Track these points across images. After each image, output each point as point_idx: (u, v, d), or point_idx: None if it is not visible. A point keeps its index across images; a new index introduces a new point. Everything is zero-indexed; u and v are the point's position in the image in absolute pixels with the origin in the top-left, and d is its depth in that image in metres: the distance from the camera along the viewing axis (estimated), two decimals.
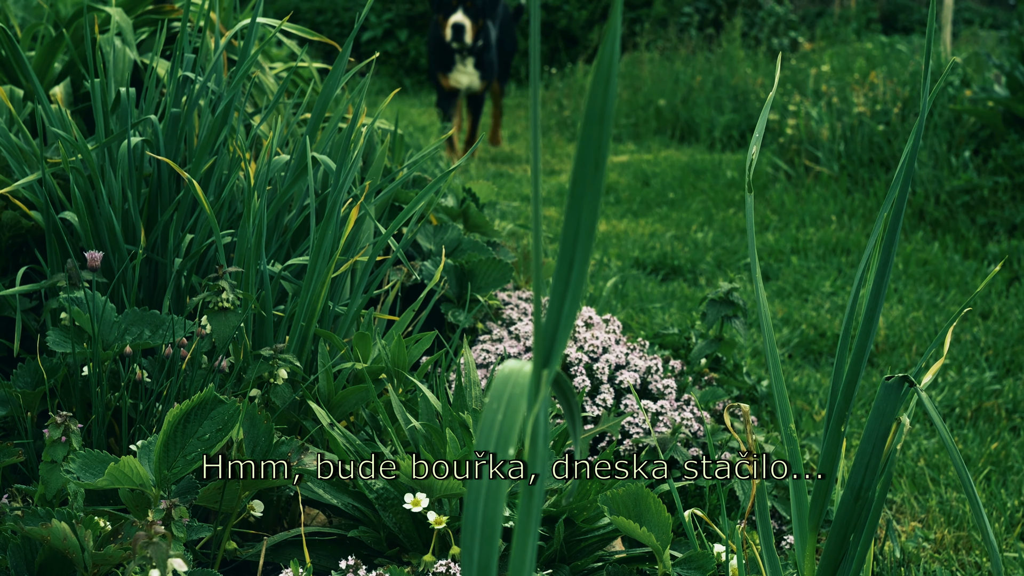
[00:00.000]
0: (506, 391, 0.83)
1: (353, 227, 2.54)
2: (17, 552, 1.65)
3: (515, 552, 0.87)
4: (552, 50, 12.61)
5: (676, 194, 6.59)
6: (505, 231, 4.65)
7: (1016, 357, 3.75)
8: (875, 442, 1.52)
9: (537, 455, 0.87)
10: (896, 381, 1.50)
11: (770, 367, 1.62)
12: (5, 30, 2.68)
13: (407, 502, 1.86)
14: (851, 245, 5.23)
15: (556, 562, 1.97)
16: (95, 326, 2.03)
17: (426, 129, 8.74)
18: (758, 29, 12.46)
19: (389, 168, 3.41)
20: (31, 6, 5.66)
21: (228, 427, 1.77)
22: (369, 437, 2.24)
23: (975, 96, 6.20)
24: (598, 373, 2.73)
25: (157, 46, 2.71)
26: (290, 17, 3.17)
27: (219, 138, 2.52)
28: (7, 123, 2.67)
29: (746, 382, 3.15)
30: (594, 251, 5.06)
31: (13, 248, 2.59)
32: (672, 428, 2.55)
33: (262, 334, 2.35)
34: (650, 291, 4.44)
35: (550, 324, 0.84)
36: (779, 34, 12.52)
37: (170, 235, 2.45)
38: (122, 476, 1.68)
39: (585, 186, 0.81)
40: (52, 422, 1.79)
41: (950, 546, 2.47)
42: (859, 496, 1.54)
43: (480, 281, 3.11)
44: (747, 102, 8.90)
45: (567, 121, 9.35)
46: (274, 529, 2.05)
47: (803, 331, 3.95)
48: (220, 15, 3.18)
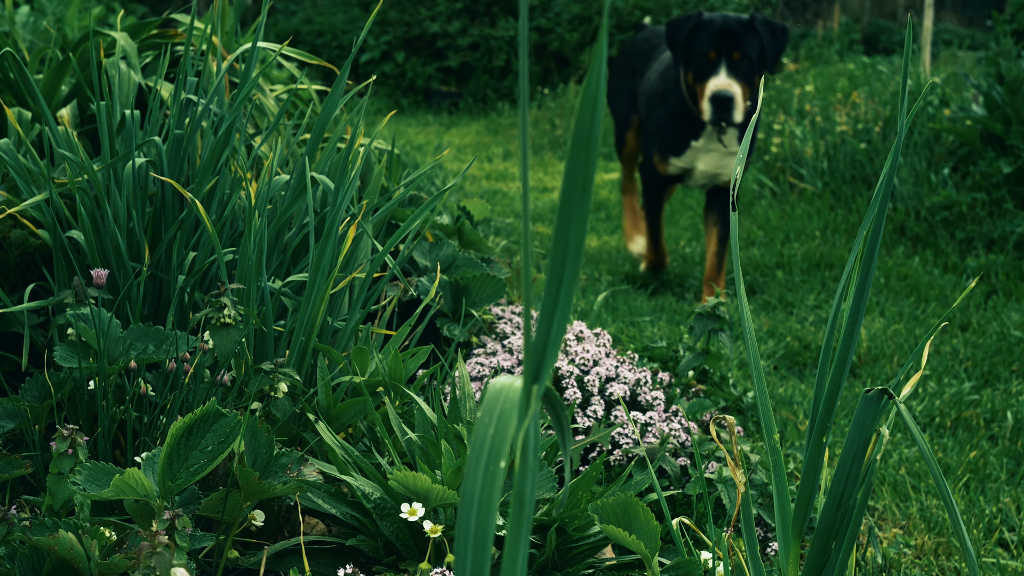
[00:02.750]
0: (497, 405, 0.84)
1: (351, 245, 2.55)
2: (25, 562, 1.66)
3: (506, 560, 0.88)
4: (544, 71, 12.63)
5: (665, 211, 6.60)
6: (499, 247, 4.66)
7: (994, 368, 3.76)
8: (856, 452, 1.52)
9: (527, 467, 0.87)
10: (876, 393, 1.51)
11: (755, 379, 1.62)
12: (13, 54, 2.68)
13: (403, 512, 1.86)
14: (834, 260, 5.24)
15: (548, 569, 1.97)
16: (101, 341, 2.03)
17: (422, 148, 8.76)
18: None
19: (386, 187, 3.42)
20: (39, 30, 5.68)
21: (230, 439, 1.77)
22: (367, 448, 2.24)
23: (954, 115, 6.22)
24: (589, 385, 2.74)
25: (161, 69, 2.72)
26: (290, 40, 3.19)
27: (221, 159, 2.53)
28: (15, 144, 2.68)
29: (732, 393, 3.15)
30: (585, 266, 5.07)
31: (21, 266, 2.59)
32: (661, 439, 2.55)
33: (263, 349, 2.35)
34: (640, 305, 4.44)
35: (539, 341, 0.85)
36: None
37: (174, 253, 2.45)
38: (127, 487, 1.68)
39: (573, 208, 0.82)
40: (59, 435, 1.79)
41: (930, 552, 2.48)
42: (841, 504, 1.55)
43: (474, 296, 3.12)
44: None
45: (559, 140, 9.36)
46: (275, 538, 2.05)
47: (788, 343, 3.96)
48: (222, 39, 3.19)
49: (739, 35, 4.38)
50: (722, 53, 4.38)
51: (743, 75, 4.39)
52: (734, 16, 4.44)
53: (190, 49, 2.66)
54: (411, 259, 3.23)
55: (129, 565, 1.60)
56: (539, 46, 12.66)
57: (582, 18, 12.76)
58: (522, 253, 0.83)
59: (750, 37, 4.39)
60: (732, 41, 4.37)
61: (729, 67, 4.37)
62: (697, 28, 4.43)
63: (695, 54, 4.42)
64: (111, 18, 6.19)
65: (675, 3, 12.69)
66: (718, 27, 4.39)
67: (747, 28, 4.39)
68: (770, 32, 4.45)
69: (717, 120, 4.35)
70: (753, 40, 4.39)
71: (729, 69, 4.37)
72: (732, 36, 4.37)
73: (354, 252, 2.60)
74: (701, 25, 4.43)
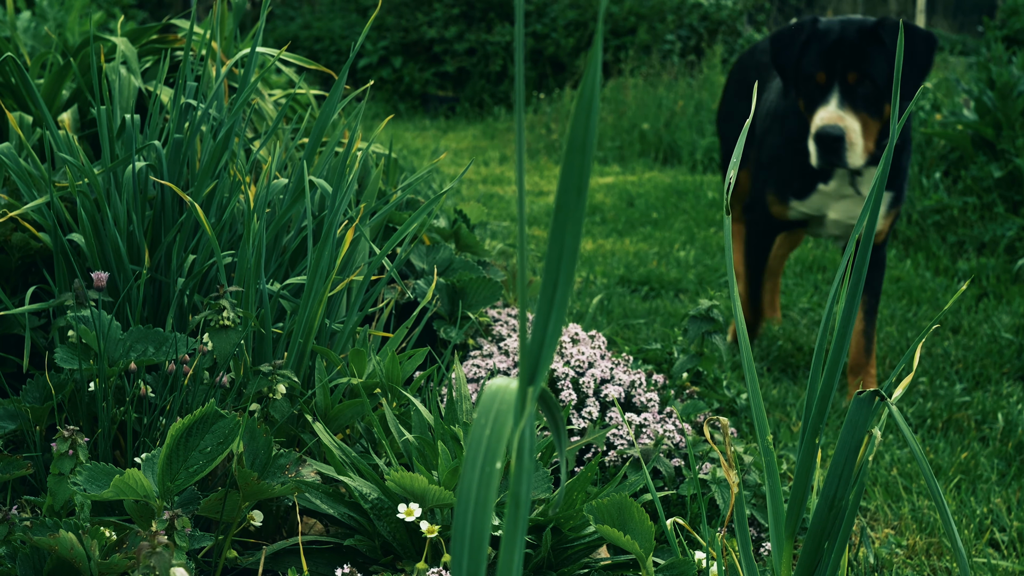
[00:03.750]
0: (494, 407, 0.84)
1: (349, 248, 2.55)
2: (26, 561, 1.66)
3: (503, 560, 0.88)
4: (540, 76, 12.64)
5: (659, 214, 6.60)
6: (495, 250, 4.66)
7: (985, 370, 3.76)
8: (848, 454, 1.53)
9: (523, 468, 0.87)
10: (868, 395, 1.51)
11: (748, 381, 1.62)
12: (15, 59, 2.68)
13: (401, 512, 1.86)
14: (827, 263, 5.25)
15: (544, 569, 1.98)
16: (101, 343, 2.03)
17: (419, 152, 8.76)
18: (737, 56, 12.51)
19: (384, 191, 3.42)
20: (40, 35, 5.67)
21: (229, 440, 1.77)
22: (364, 449, 2.24)
23: (945, 120, 6.23)
24: (584, 387, 2.74)
25: (161, 74, 2.72)
26: (289, 46, 3.19)
27: (220, 162, 2.53)
28: (17, 148, 2.68)
29: (726, 395, 3.15)
30: (581, 269, 5.08)
31: (23, 268, 2.59)
32: (655, 440, 2.55)
33: (261, 351, 2.35)
34: (634, 307, 4.45)
35: (535, 344, 0.85)
36: None
37: (173, 256, 2.45)
38: (127, 488, 1.68)
39: (568, 212, 0.82)
40: (60, 436, 1.79)
41: (922, 552, 2.48)
42: (833, 505, 1.55)
43: (471, 299, 3.12)
44: None
45: (555, 144, 9.37)
46: (273, 538, 2.05)
47: (781, 345, 3.96)
48: (221, 44, 3.19)
49: (857, 48, 3.33)
50: (834, 75, 3.33)
51: (863, 103, 3.31)
52: (856, 20, 3.42)
53: (189, 54, 2.66)
54: (408, 262, 3.23)
55: (129, 565, 1.60)
56: (535, 51, 12.67)
57: (577, 24, 12.77)
58: (518, 256, 0.83)
59: (873, 50, 3.32)
60: (847, 57, 3.34)
61: (843, 94, 3.32)
62: (810, 41, 3.41)
63: (803, 75, 3.42)
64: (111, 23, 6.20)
65: (670, 8, 12.70)
66: (832, 38, 3.37)
67: (869, 38, 3.34)
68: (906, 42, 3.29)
69: (824, 165, 3.34)
70: (877, 54, 3.32)
71: (843, 97, 3.31)
72: (848, 50, 3.34)
73: (352, 255, 2.60)
74: (816, 36, 3.41)
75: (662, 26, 12.55)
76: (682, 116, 9.25)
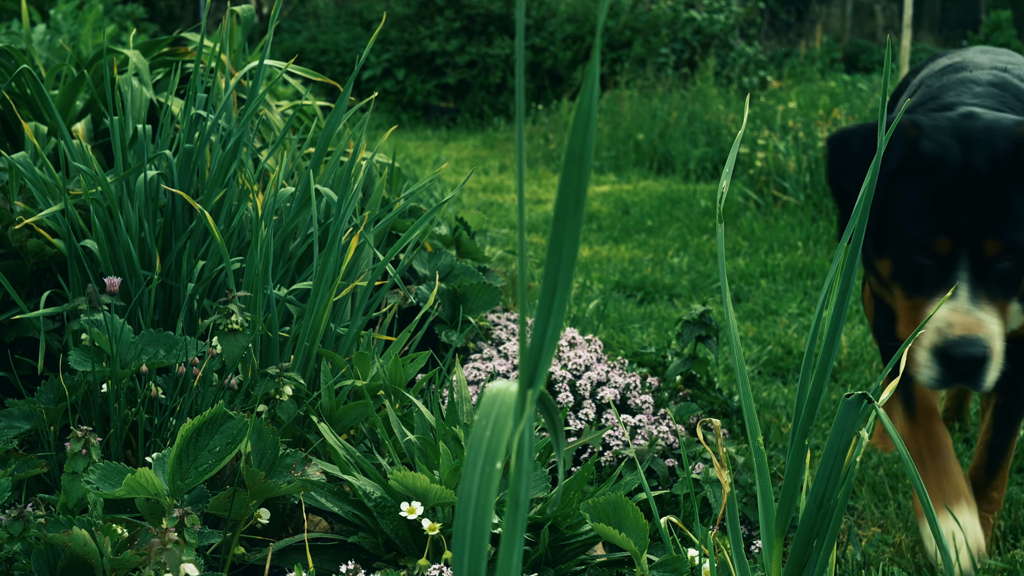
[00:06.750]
0: (493, 409, 0.84)
1: (353, 254, 2.55)
2: (40, 557, 1.66)
3: (502, 557, 0.88)
4: (539, 88, 12.65)
5: (654, 222, 6.61)
6: (495, 257, 4.66)
7: None
8: (836, 455, 1.53)
9: (523, 468, 0.88)
10: (855, 398, 1.51)
11: (740, 383, 1.63)
12: (30, 71, 2.69)
13: (403, 510, 1.86)
14: (816, 269, 5.25)
15: (542, 566, 1.98)
16: (113, 346, 2.03)
17: (422, 161, 8.76)
18: (730, 68, 12.53)
19: (387, 199, 3.43)
20: (55, 48, 5.68)
21: (237, 441, 1.77)
22: (368, 449, 2.25)
23: None
24: (581, 389, 2.74)
25: (172, 86, 2.72)
26: (295, 58, 3.19)
27: (229, 172, 2.53)
28: (32, 157, 2.68)
29: (718, 397, 3.15)
30: (578, 275, 5.08)
31: (38, 274, 2.59)
32: (649, 441, 2.55)
33: (269, 354, 2.35)
34: (630, 312, 4.45)
35: (534, 348, 0.85)
36: (749, 73, 12.58)
37: (183, 262, 2.46)
38: (138, 486, 1.68)
39: (566, 221, 0.83)
40: (73, 436, 1.79)
41: (907, 550, 2.48)
42: (822, 504, 1.55)
43: (471, 304, 3.12)
44: (720, 136, 8.94)
45: (553, 154, 9.38)
46: (280, 535, 2.05)
47: (771, 349, 3.96)
48: (230, 57, 3.20)
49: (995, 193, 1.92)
50: (960, 242, 1.94)
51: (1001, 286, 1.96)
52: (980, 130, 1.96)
53: (199, 66, 2.67)
54: (411, 268, 3.23)
55: (140, 561, 1.60)
56: (534, 64, 12.68)
57: (575, 37, 12.78)
58: (518, 262, 0.83)
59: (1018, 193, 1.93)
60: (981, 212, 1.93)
61: (974, 275, 1.94)
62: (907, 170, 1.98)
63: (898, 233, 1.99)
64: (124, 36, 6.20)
65: (664, 22, 12.71)
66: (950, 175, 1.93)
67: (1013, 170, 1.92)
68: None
69: (942, 384, 2.00)
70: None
71: (975, 280, 1.94)
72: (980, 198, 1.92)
73: (356, 261, 2.60)
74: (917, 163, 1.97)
75: (657, 40, 12.56)
76: (676, 127, 9.26)
